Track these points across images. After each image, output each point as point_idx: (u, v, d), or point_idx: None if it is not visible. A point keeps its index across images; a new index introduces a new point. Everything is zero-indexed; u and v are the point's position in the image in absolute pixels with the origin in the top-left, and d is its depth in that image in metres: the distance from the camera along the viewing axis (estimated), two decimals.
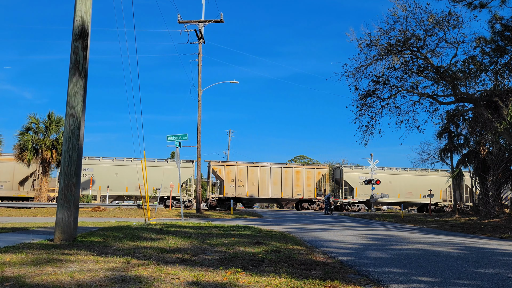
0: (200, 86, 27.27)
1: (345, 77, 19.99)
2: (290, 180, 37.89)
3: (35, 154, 29.97)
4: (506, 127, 18.57)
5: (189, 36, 26.80)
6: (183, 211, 21.57)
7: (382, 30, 19.03)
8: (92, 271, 4.83)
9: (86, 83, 8.35)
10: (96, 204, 30.03)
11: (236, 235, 9.80)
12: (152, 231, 10.03)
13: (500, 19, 17.31)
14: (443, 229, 15.93)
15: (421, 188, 40.17)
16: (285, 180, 37.64)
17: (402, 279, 5.06)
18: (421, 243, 9.60)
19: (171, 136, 16.80)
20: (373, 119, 20.19)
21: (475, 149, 26.88)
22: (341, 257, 6.89)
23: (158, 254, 6.36)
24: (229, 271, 5.07)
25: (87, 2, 8.47)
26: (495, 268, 6.02)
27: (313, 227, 15.20)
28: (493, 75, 19.23)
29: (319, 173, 38.58)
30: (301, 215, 27.98)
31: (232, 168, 36.90)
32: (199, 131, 26.98)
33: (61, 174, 7.92)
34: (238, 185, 36.58)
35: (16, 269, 4.84)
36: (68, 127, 8.01)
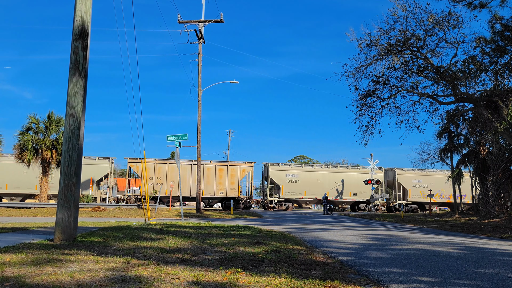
0: (200, 86, 27.27)
1: (345, 77, 19.98)
2: (212, 177, 36.75)
3: (35, 154, 29.95)
4: (506, 127, 18.56)
5: (189, 36, 26.82)
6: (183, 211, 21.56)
7: (382, 30, 19.03)
8: (92, 271, 4.83)
9: (86, 83, 8.35)
10: (96, 204, 30.03)
11: (236, 235, 9.81)
12: (152, 231, 10.03)
13: (500, 19, 17.30)
14: (443, 229, 15.93)
15: (352, 186, 39.83)
16: (207, 178, 36.44)
17: (402, 279, 5.06)
18: (421, 243, 9.60)
19: (171, 136, 16.81)
20: (373, 119, 20.18)
21: (475, 149, 26.87)
22: (341, 257, 6.89)
23: (158, 254, 6.36)
24: (229, 271, 5.07)
25: (87, 2, 8.47)
26: (495, 268, 6.02)
27: (313, 227, 15.20)
28: (493, 75, 19.22)
29: (243, 171, 37.27)
30: (301, 215, 27.98)
31: (151, 166, 36.00)
32: (199, 131, 26.99)
33: (61, 174, 7.91)
34: (156, 182, 35.68)
35: (16, 269, 4.84)
36: (68, 127, 8.01)
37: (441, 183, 40.61)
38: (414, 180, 40.59)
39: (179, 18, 26.60)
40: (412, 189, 40.62)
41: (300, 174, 39.28)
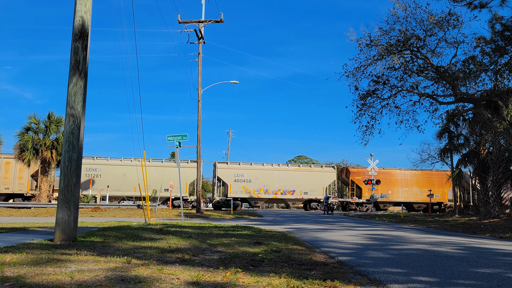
0: (200, 86, 27.28)
1: (345, 77, 19.98)
2: None
3: (35, 154, 29.98)
4: (506, 127, 18.56)
5: (189, 36, 26.83)
6: (183, 211, 21.57)
7: (382, 30, 19.04)
8: (92, 271, 4.83)
9: (86, 83, 8.35)
10: (96, 204, 30.04)
11: (236, 235, 9.81)
12: (152, 231, 10.03)
13: (500, 19, 17.30)
14: (443, 229, 15.93)
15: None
16: None
17: (402, 279, 5.06)
18: (421, 243, 9.60)
19: (171, 136, 16.81)
20: (373, 119, 20.18)
21: (475, 149, 26.88)
22: (341, 257, 6.89)
23: (158, 254, 6.36)
24: (229, 271, 5.07)
25: (87, 2, 8.47)
26: (495, 268, 6.02)
27: (313, 227, 15.20)
28: (493, 75, 19.23)
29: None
30: (301, 215, 27.99)
31: None
32: (199, 131, 26.99)
33: (61, 174, 7.91)
34: None
35: (16, 269, 4.84)
36: (68, 127, 8.01)
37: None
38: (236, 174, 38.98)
39: (179, 18, 26.61)
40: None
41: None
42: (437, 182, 41.52)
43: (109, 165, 36.32)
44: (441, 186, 41.29)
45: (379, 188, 40.11)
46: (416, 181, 41.60)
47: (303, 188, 38.99)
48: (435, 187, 40.92)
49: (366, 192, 40.17)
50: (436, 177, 41.41)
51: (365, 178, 39.92)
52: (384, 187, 40.71)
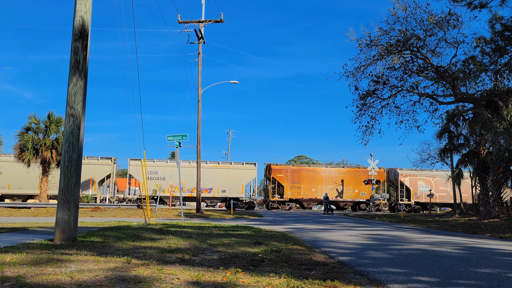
0: (200, 86, 27.27)
1: (345, 77, 19.99)
2: None
3: (35, 154, 29.96)
4: (506, 127, 18.56)
5: (189, 36, 26.82)
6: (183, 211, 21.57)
7: (382, 30, 19.04)
8: (92, 271, 4.83)
9: (86, 83, 8.35)
10: (96, 204, 30.04)
11: (236, 235, 9.80)
12: (152, 231, 10.03)
13: (500, 19, 17.30)
14: (443, 229, 15.93)
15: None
16: None
17: (402, 279, 5.06)
18: (421, 243, 9.60)
19: (171, 136, 16.81)
20: (373, 119, 20.19)
21: (475, 149, 26.87)
22: (341, 257, 6.89)
23: (158, 254, 6.36)
24: (229, 271, 5.07)
25: (87, 2, 8.47)
26: (495, 268, 6.02)
27: (313, 227, 15.20)
28: (493, 75, 19.22)
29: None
30: (301, 215, 27.98)
31: None
32: (199, 131, 26.99)
33: (61, 174, 7.91)
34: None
35: (16, 269, 4.84)
36: (68, 127, 8.01)
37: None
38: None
39: (179, 18, 26.60)
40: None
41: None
42: (354, 179, 40.36)
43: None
44: (357, 184, 40.13)
45: (301, 186, 39.08)
46: (341, 178, 40.21)
47: (221, 186, 37.47)
48: (362, 185, 39.84)
49: (288, 190, 38.81)
50: (363, 174, 40.16)
51: (287, 176, 39.00)
52: (307, 185, 39.33)
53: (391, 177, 42.47)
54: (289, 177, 39.28)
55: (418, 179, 40.88)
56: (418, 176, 41.03)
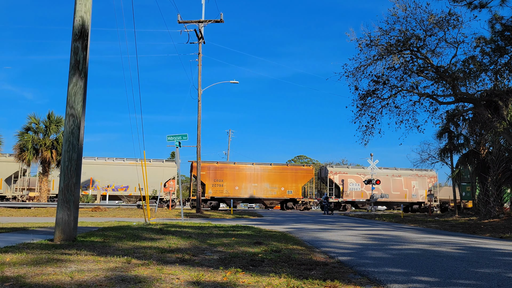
0: (200, 86, 27.28)
1: (345, 77, 19.98)
2: None
3: (35, 154, 29.96)
4: (506, 127, 18.56)
5: (189, 36, 26.82)
6: (183, 211, 21.57)
7: (382, 30, 19.03)
8: (92, 271, 4.83)
9: (86, 83, 8.35)
10: (96, 204, 30.04)
11: (236, 235, 9.80)
12: (152, 231, 10.03)
13: (500, 19, 17.29)
14: (443, 229, 15.93)
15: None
16: None
17: (402, 279, 5.06)
18: (421, 243, 9.60)
19: (171, 136, 16.81)
20: (373, 119, 20.19)
21: (475, 149, 26.88)
22: (341, 257, 6.89)
23: (158, 254, 6.36)
24: (229, 271, 5.07)
25: (87, 2, 8.46)
26: (495, 268, 6.02)
27: (313, 227, 15.20)
28: (493, 75, 19.22)
29: None
30: (301, 215, 27.98)
31: None
32: (199, 131, 26.99)
33: (61, 174, 7.91)
34: None
35: (16, 269, 4.84)
36: (68, 127, 8.00)
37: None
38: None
39: (179, 18, 26.60)
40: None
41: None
42: (291, 178, 39.36)
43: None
44: (294, 182, 39.24)
45: (224, 184, 37.78)
46: (267, 176, 38.94)
47: (138, 184, 35.79)
48: (288, 182, 39.00)
49: (210, 188, 37.57)
50: (289, 172, 39.38)
51: (209, 173, 37.80)
52: (231, 182, 38.08)
53: (323, 175, 41.66)
54: (211, 174, 37.82)
55: (348, 177, 40.15)
56: (349, 173, 40.37)
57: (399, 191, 40.61)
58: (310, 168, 40.95)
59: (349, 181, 40.27)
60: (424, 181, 41.80)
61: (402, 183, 41.53)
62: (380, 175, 40.27)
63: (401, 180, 41.52)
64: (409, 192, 41.26)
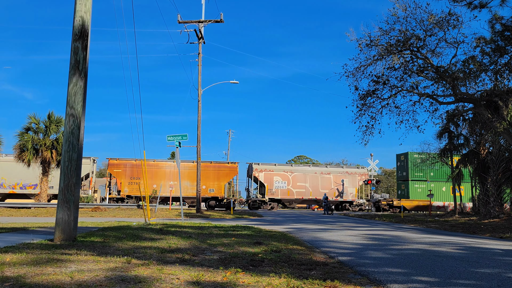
0: (200, 86, 27.27)
1: (345, 77, 19.99)
2: None
3: (35, 154, 29.96)
4: (506, 127, 18.56)
5: (189, 36, 26.82)
6: (183, 211, 21.57)
7: (382, 30, 19.04)
8: (92, 271, 4.83)
9: (86, 83, 8.35)
10: (96, 204, 30.04)
11: (236, 235, 9.80)
12: (152, 231, 10.03)
13: (500, 19, 17.30)
14: (443, 229, 15.93)
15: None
16: None
17: (402, 279, 5.06)
18: (421, 243, 9.60)
19: (171, 136, 16.81)
20: (373, 119, 20.19)
21: (475, 149, 26.87)
22: (341, 257, 6.89)
23: (158, 254, 6.36)
24: (229, 271, 5.07)
25: (87, 2, 8.46)
26: (495, 268, 6.02)
27: (313, 227, 15.20)
28: (493, 75, 19.22)
29: None
30: (301, 215, 27.99)
31: None
32: (199, 131, 27.00)
33: (61, 174, 7.91)
34: None
35: (16, 269, 4.84)
36: (68, 127, 8.00)
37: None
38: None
39: (179, 18, 26.60)
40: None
41: None
42: (213, 175, 37.70)
43: None
44: (217, 180, 37.61)
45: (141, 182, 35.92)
46: (188, 174, 36.87)
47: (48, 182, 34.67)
48: (210, 180, 37.30)
49: (126, 186, 35.98)
50: (212, 169, 37.69)
51: (126, 171, 36.13)
52: (148, 180, 35.12)
53: (251, 172, 40.53)
54: (127, 172, 36.32)
55: (274, 174, 39.01)
56: (275, 171, 39.19)
57: (327, 189, 38.99)
58: (234, 166, 38.72)
59: (275, 179, 38.91)
60: (354, 179, 40.06)
61: (331, 181, 39.97)
62: (308, 172, 39.53)
63: (330, 178, 39.98)
64: (338, 190, 39.97)
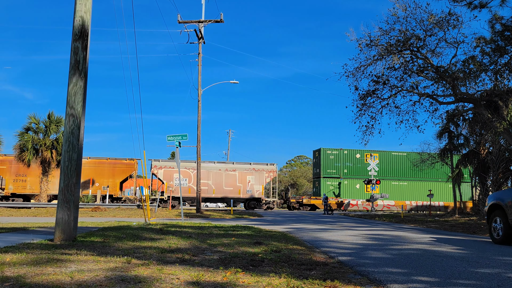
0: (200, 86, 27.28)
1: (345, 77, 20.02)
2: None
3: (35, 154, 29.98)
4: (506, 127, 18.56)
5: (189, 36, 26.83)
6: (183, 211, 21.57)
7: (382, 30, 19.05)
8: (92, 271, 4.83)
9: (86, 83, 8.35)
10: (96, 204, 30.05)
11: (236, 235, 9.80)
12: (152, 231, 10.03)
13: (500, 19, 17.30)
14: (443, 229, 15.93)
15: None
16: None
17: (402, 279, 5.06)
18: (421, 243, 9.60)
19: (171, 136, 16.81)
20: (373, 119, 20.21)
21: (475, 149, 26.89)
22: (341, 257, 6.89)
23: (158, 254, 6.36)
24: (229, 271, 5.07)
25: (87, 2, 8.46)
26: (495, 268, 6.02)
27: (313, 227, 15.20)
28: (493, 75, 19.23)
29: None
30: (301, 215, 27.99)
31: None
32: (199, 131, 26.99)
33: (61, 174, 7.91)
34: None
35: (16, 269, 4.84)
36: (68, 127, 8.00)
37: None
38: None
39: (179, 18, 26.61)
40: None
41: None
42: (108, 172, 36.95)
43: None
44: (112, 177, 36.78)
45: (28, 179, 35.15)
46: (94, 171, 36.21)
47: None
48: (105, 177, 36.54)
49: (11, 183, 35.15)
50: (107, 166, 36.86)
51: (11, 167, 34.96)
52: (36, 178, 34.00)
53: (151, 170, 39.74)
54: (12, 169, 35.16)
55: (174, 171, 37.55)
56: (175, 168, 36.82)
57: (232, 187, 37.83)
58: (131, 163, 37.55)
59: (175, 176, 37.75)
60: (261, 176, 39.04)
61: (237, 178, 38.62)
62: (212, 169, 38.33)
63: (236, 175, 38.61)
64: (243, 187, 38.49)
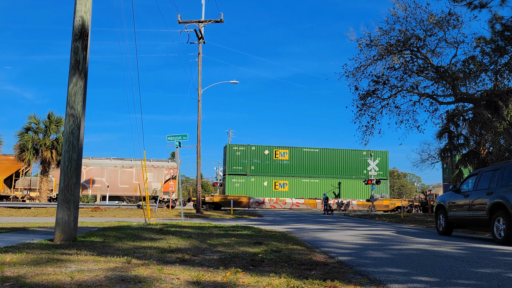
0: (200, 86, 27.27)
1: (345, 77, 20.05)
2: None
3: (35, 154, 29.99)
4: (506, 127, 18.56)
5: (189, 36, 26.83)
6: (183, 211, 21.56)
7: (382, 30, 19.06)
8: (92, 271, 4.83)
9: (86, 83, 8.35)
10: (96, 204, 30.05)
11: (236, 235, 9.80)
12: (152, 231, 10.02)
13: (500, 19, 17.30)
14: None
15: None
16: None
17: (402, 279, 5.06)
18: (421, 243, 9.60)
19: (171, 136, 16.81)
20: (373, 119, 20.22)
21: (475, 149, 26.88)
22: (341, 257, 6.89)
23: (158, 254, 6.36)
24: (229, 271, 5.07)
25: (87, 2, 8.46)
26: (495, 268, 6.02)
27: (313, 227, 15.20)
28: (493, 75, 19.23)
29: None
30: (301, 215, 27.99)
31: None
32: (199, 131, 26.99)
33: (61, 174, 7.91)
34: None
35: (16, 269, 4.84)
36: (68, 127, 8.00)
37: None
38: None
39: (179, 18, 26.60)
40: None
41: None
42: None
43: None
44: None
45: None
46: None
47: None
48: None
49: None
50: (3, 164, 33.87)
51: None
52: None
53: None
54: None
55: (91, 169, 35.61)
56: (90, 165, 35.52)
57: (128, 184, 35.50)
58: (11, 159, 33.43)
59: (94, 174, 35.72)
60: (161, 173, 36.95)
61: (133, 175, 36.17)
62: (106, 166, 36.03)
63: (133, 172, 36.18)
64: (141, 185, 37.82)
